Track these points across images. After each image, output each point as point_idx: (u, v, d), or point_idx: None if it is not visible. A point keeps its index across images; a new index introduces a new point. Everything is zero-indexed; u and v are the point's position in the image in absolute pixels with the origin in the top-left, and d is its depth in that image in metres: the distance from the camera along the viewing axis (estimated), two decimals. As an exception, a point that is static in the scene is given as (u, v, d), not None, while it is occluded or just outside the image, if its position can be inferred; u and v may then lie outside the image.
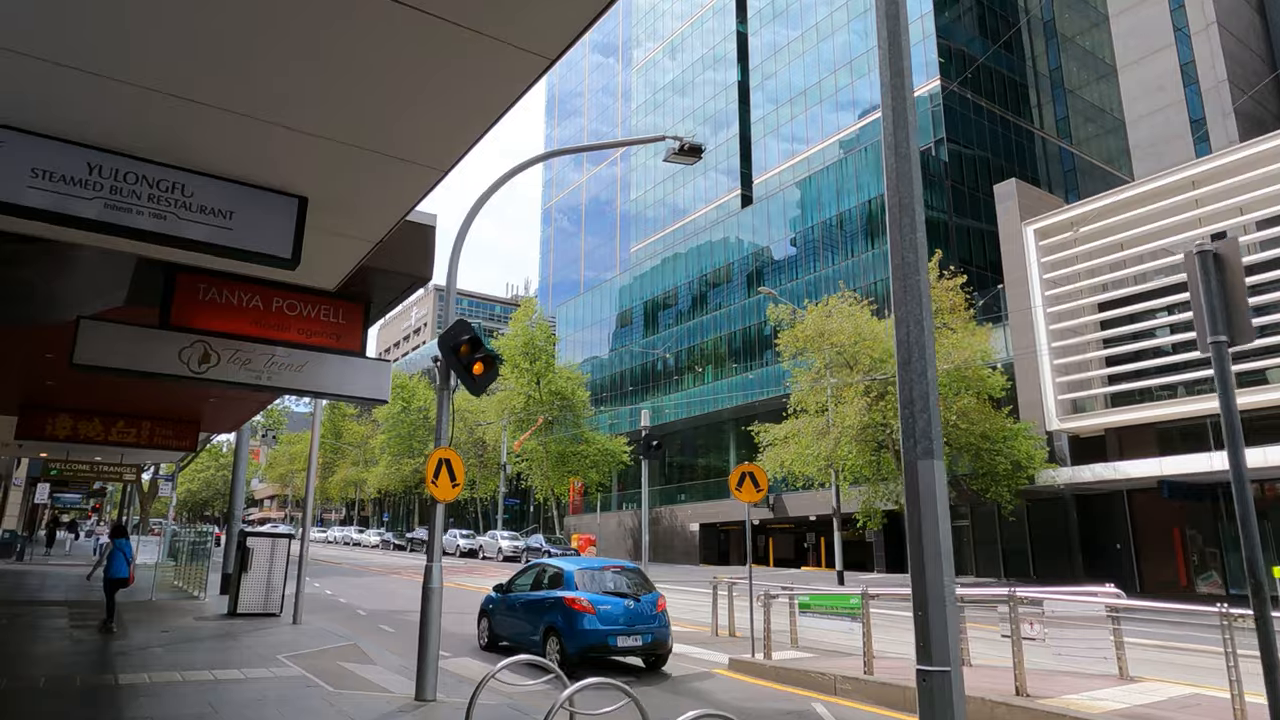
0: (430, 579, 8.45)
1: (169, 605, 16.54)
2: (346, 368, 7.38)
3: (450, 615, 16.28)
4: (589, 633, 10.43)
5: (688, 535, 46.14)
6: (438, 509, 8.67)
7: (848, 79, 45.70)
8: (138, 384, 10.35)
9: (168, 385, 11.02)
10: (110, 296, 6.33)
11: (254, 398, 11.49)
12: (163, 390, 11.18)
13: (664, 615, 11.37)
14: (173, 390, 11.13)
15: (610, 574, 11.60)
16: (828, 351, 26.85)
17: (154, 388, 10.66)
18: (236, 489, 19.78)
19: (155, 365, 6.41)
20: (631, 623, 10.76)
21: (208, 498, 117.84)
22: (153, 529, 41.38)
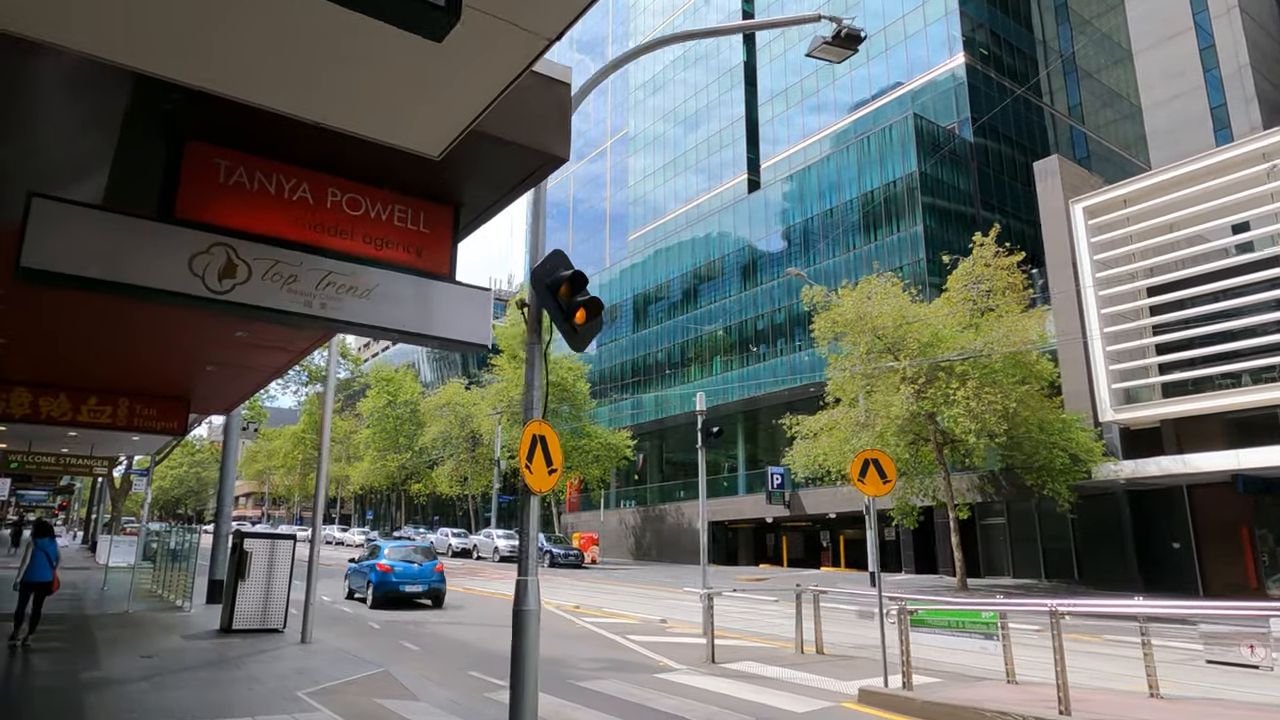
0: (525, 598, 6.23)
1: (150, 619, 14.09)
2: (432, 296, 5.12)
3: (478, 628, 14.02)
4: (387, 583, 17.75)
5: (694, 534, 43.94)
6: (532, 504, 6.46)
7: (863, 56, 43.70)
8: (118, 337, 8.01)
9: (155, 347, 8.66)
10: (81, 170, 4.06)
11: (265, 361, 9.15)
12: (150, 354, 8.85)
13: (441, 575, 18.98)
14: (162, 354, 8.80)
15: (408, 550, 19.76)
16: (868, 336, 24.77)
17: (140, 343, 8.32)
18: (226, 483, 17.33)
19: (153, 278, 4.08)
20: (415, 578, 18.22)
21: (180, 495, 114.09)
22: (125, 528, 38.51)
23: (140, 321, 7.39)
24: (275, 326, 7.83)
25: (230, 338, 7.98)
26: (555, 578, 31.08)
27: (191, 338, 8.08)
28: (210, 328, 7.64)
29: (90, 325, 7.31)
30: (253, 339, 8.02)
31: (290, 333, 7.91)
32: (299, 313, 4.53)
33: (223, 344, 8.29)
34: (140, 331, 7.84)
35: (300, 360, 9.38)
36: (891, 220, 36.35)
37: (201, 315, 7.52)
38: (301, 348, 8.65)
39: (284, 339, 8.03)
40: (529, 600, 6.23)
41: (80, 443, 21.32)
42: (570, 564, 38.38)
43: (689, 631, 14.97)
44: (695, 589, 26.80)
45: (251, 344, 8.26)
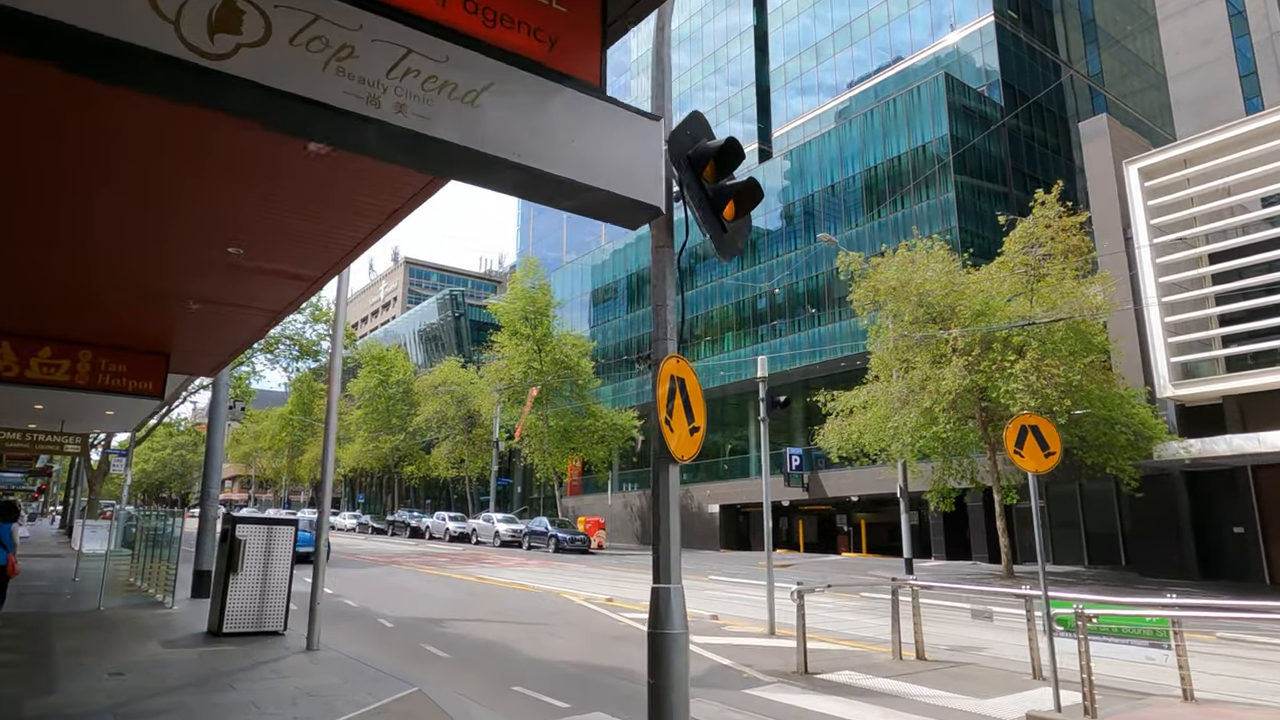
0: (667, 616, 4.21)
1: (125, 618, 12.01)
2: (571, 115, 3.07)
3: (505, 627, 11.89)
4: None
5: (706, 518, 42.17)
6: (670, 477, 4.44)
7: (884, 18, 41.56)
8: (74, 241, 5.93)
9: (124, 265, 6.54)
10: None
11: (263, 296, 6.98)
12: (118, 278, 6.74)
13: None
14: (133, 279, 6.69)
15: None
16: (912, 305, 22.81)
17: (103, 254, 6.22)
18: (213, 462, 15.21)
19: (85, 13, 2.07)
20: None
21: (164, 479, 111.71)
22: (104, 512, 36.25)
23: (102, 217, 5.34)
24: (281, 236, 5.77)
25: (221, 255, 5.90)
26: (565, 564, 29.17)
27: (172, 250, 5.99)
28: (196, 234, 5.59)
29: (33, 221, 5.27)
30: (249, 258, 5.96)
31: (298, 249, 5.88)
32: (357, 113, 2.52)
33: (211, 266, 6.20)
34: (102, 234, 5.75)
35: (307, 297, 7.27)
36: (920, 187, 34.35)
37: (186, 216, 5.46)
38: (311, 277, 6.58)
39: (293, 255, 5.98)
40: (673, 618, 4.19)
41: (48, 416, 19.12)
42: (577, 549, 36.50)
43: (750, 630, 13.06)
44: (721, 577, 25.02)
45: (247, 267, 6.19)
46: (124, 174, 4.82)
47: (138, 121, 4.18)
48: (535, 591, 18.86)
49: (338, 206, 5.55)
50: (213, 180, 4.89)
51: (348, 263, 6.73)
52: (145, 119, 4.14)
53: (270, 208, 5.23)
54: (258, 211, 5.23)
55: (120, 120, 4.19)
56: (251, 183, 4.90)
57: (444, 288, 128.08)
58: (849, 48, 43.93)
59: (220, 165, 4.70)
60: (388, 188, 5.29)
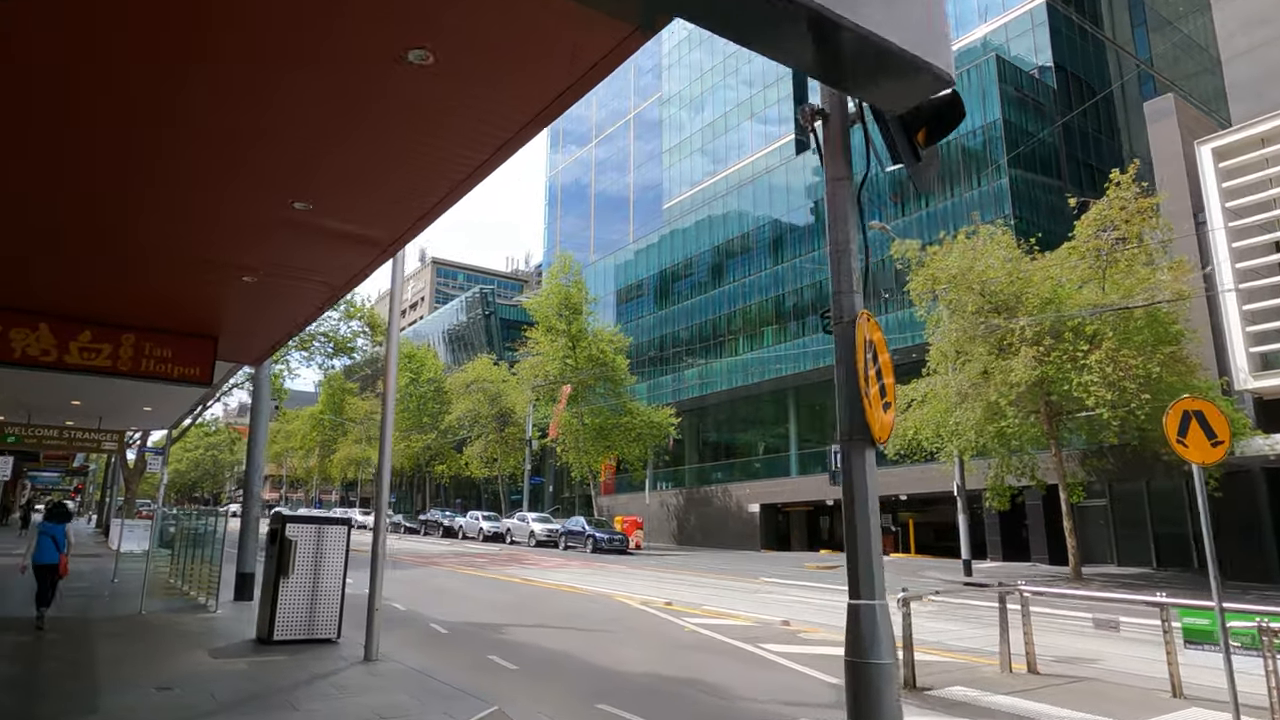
0: (872, 641, 3.31)
1: (168, 624, 11.32)
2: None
3: (568, 634, 10.83)
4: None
5: (745, 517, 41.15)
6: (867, 458, 3.53)
7: (927, 2, 40.28)
8: (121, 201, 5.17)
9: (174, 228, 5.77)
10: None
11: (326, 264, 6.17)
12: (167, 247, 5.98)
13: None
14: (183, 246, 5.93)
15: None
16: (975, 294, 21.69)
17: (153, 218, 5.47)
18: (255, 459, 14.54)
19: None
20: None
21: (196, 478, 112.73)
22: (140, 511, 36.03)
23: (153, 166, 4.56)
24: (357, 187, 4.96)
25: (286, 212, 5.10)
26: (607, 565, 28.34)
27: (232, 207, 5.19)
28: (262, 183, 4.79)
29: (72, 176, 4.55)
30: (317, 213, 5.15)
31: (372, 204, 5.07)
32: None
33: (271, 227, 5.41)
34: (153, 190, 4.98)
35: (371, 270, 6.44)
36: (971, 174, 33.11)
37: (254, 160, 4.65)
38: (380, 242, 5.74)
39: (366, 212, 5.16)
40: (879, 644, 3.28)
41: (85, 413, 18.65)
42: (615, 549, 35.68)
43: (831, 639, 12.10)
44: (774, 579, 24.06)
45: (312, 228, 5.39)
46: (187, 109, 4.02)
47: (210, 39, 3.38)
48: (586, 594, 18.04)
49: (421, 156, 4.72)
50: (290, 113, 4.09)
51: (418, 229, 5.90)
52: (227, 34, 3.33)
53: (351, 150, 4.42)
54: (338, 153, 4.42)
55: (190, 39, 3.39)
56: (333, 116, 4.09)
57: (471, 287, 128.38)
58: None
59: (299, 94, 3.89)
60: (477, 134, 4.47)
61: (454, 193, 5.37)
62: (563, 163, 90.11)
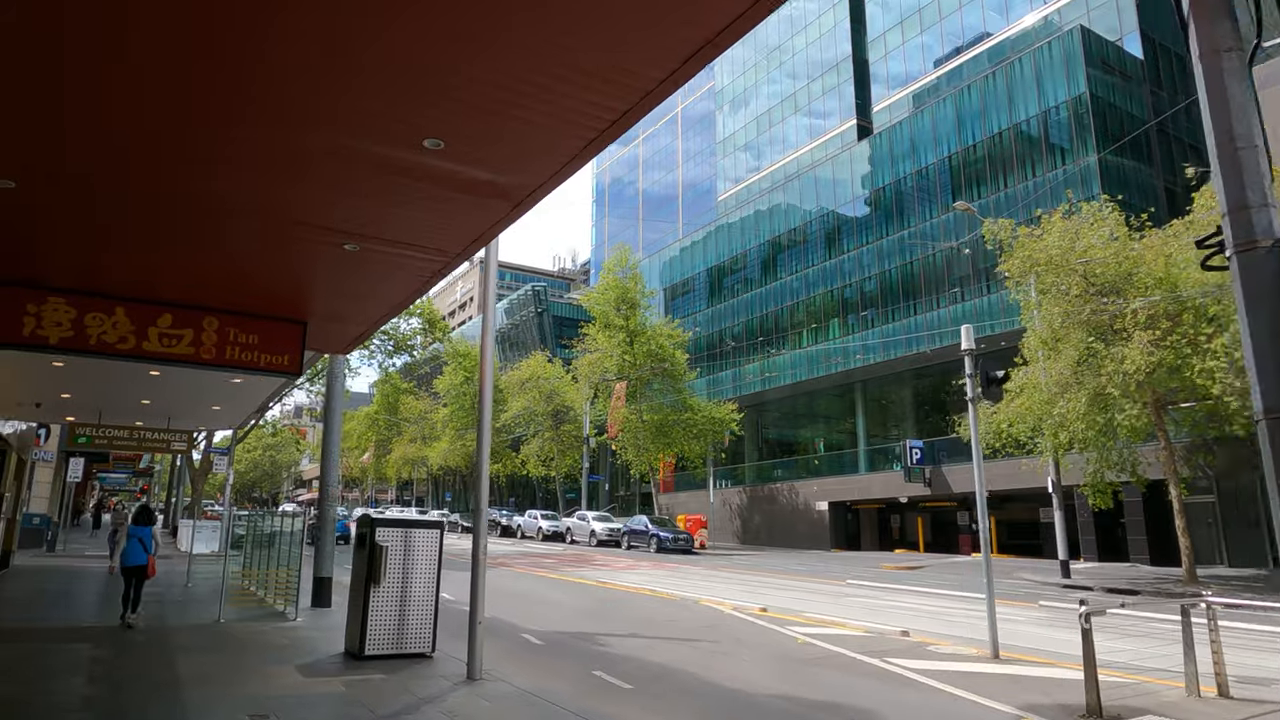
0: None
1: (249, 635, 10.61)
2: None
3: (669, 645, 9.68)
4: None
5: (813, 516, 39.77)
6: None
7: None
8: (211, 163, 4.32)
9: (270, 189, 4.90)
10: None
11: (440, 224, 5.22)
12: (260, 211, 5.13)
13: None
14: (279, 209, 5.07)
15: None
16: (1077, 276, 20.15)
17: (247, 178, 4.62)
18: (330, 456, 13.84)
19: None
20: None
21: (255, 479, 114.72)
22: (206, 511, 36.13)
23: (249, 90, 3.68)
24: (500, 121, 4.02)
25: (409, 154, 4.15)
26: (678, 565, 27.34)
27: (346, 153, 4.28)
28: (386, 111, 3.87)
29: (153, 115, 3.73)
30: (447, 155, 4.18)
31: (515, 142, 4.13)
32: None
33: (389, 175, 4.47)
34: (246, 122, 4.10)
35: (493, 235, 5.49)
36: (1054, 153, 31.30)
37: (379, 82, 3.72)
38: (512, 194, 4.75)
39: (504, 153, 4.18)
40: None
41: (155, 412, 18.25)
42: (680, 549, 34.69)
43: (964, 653, 10.91)
44: (861, 581, 22.79)
45: (437, 175, 4.43)
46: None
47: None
48: (669, 599, 17.05)
49: (572, 86, 3.76)
50: (430, 20, 3.16)
51: (554, 184, 4.93)
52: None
53: (497, 62, 3.48)
54: (482, 63, 3.47)
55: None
56: (481, 15, 3.15)
57: (519, 287, 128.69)
58: (957, 10, 40.86)
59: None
60: (629, 72, 3.53)
61: (597, 141, 4.41)
62: (608, 159, 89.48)
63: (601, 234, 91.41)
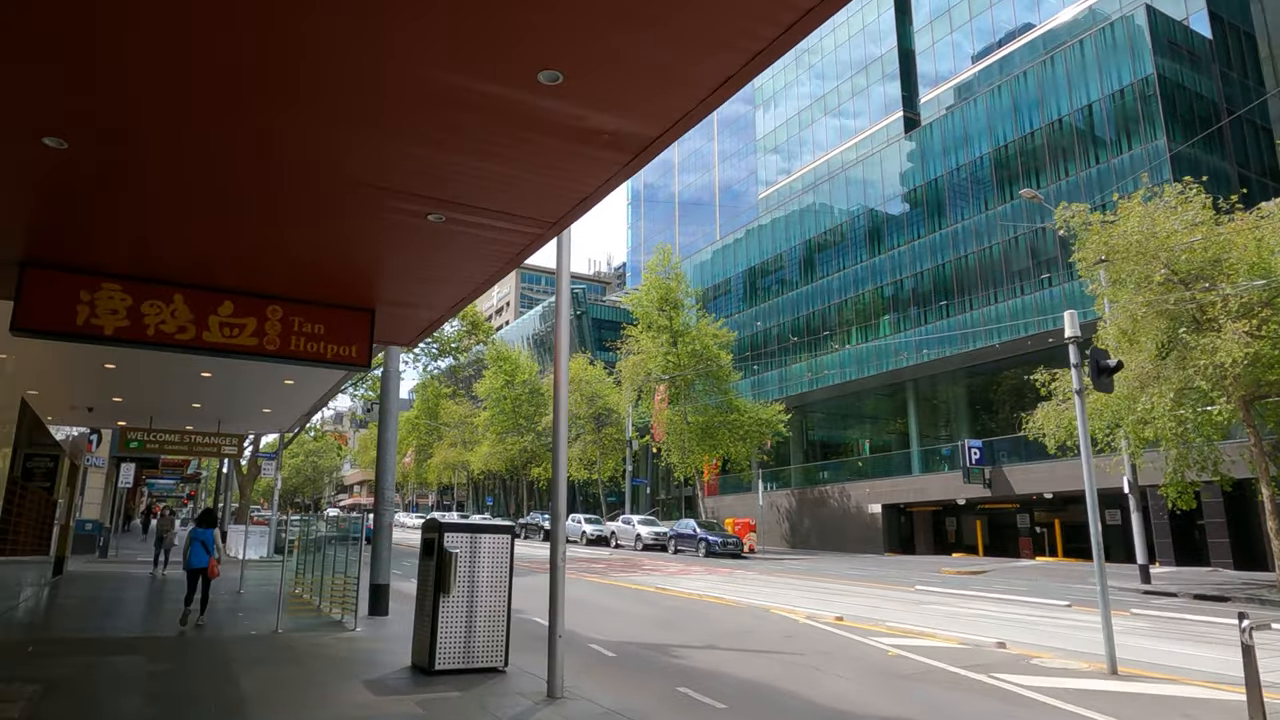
0: None
1: (309, 646, 10.08)
2: None
3: (749, 657, 8.94)
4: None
5: (866, 519, 38.65)
6: None
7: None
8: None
9: (350, 153, 4.29)
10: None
11: (546, 194, 4.53)
12: (338, 179, 4.53)
13: None
14: (354, 178, 4.45)
15: None
16: (1159, 263, 18.99)
17: (324, 144, 4.03)
18: (385, 457, 13.32)
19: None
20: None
21: (298, 484, 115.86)
22: (254, 517, 36.12)
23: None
24: (616, 50, 3.35)
25: (525, 87, 3.49)
26: (733, 570, 26.54)
27: (440, 96, 3.58)
28: (496, 40, 3.22)
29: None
30: (567, 88, 3.48)
31: (636, 79, 3.46)
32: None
33: (503, 117, 3.78)
34: (330, 90, 3.50)
35: (602, 194, 4.75)
36: (1119, 138, 29.96)
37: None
38: (637, 139, 4.05)
39: (628, 88, 3.48)
40: None
41: (205, 416, 17.98)
42: (729, 553, 33.88)
43: (1075, 668, 10.02)
44: (929, 586, 21.79)
45: (554, 117, 3.73)
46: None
47: None
48: (736, 606, 16.29)
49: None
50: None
51: (667, 140, 4.24)
52: None
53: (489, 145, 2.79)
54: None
55: None
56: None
57: (552, 292, 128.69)
58: (1010, -4, 39.59)
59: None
60: None
61: (738, 76, 3.71)
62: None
63: (637, 237, 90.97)
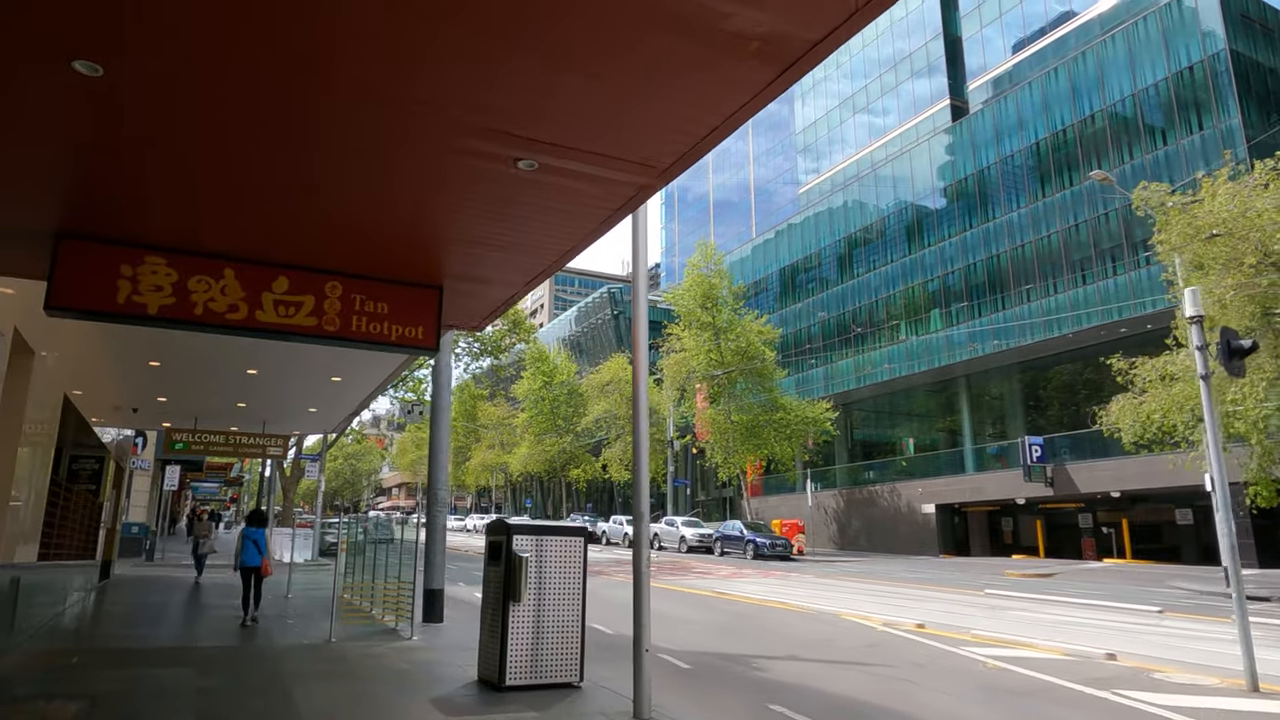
0: None
1: (366, 658, 9.43)
2: None
3: (837, 669, 8.12)
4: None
5: (919, 520, 37.41)
6: None
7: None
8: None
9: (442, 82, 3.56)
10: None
11: (660, 126, 3.78)
12: (399, 145, 3.82)
13: None
14: (440, 125, 3.72)
15: None
16: (1252, 245, 17.75)
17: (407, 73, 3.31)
18: (438, 455, 12.67)
19: None
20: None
21: (337, 487, 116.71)
22: (298, 519, 35.93)
23: None
24: None
25: None
26: (787, 574, 25.62)
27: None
28: None
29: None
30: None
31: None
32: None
33: (635, 23, 3.03)
34: None
35: (734, 126, 3.90)
36: (1187, 118, 28.51)
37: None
38: (780, 56, 3.27)
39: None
40: None
41: (250, 417, 17.56)
42: (778, 555, 32.96)
43: (1203, 684, 9.02)
44: (999, 590, 20.68)
45: (695, 15, 2.97)
46: None
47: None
48: (804, 612, 15.42)
49: None
50: None
51: (827, 49, 3.40)
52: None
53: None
54: None
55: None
56: None
57: (588, 293, 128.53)
58: (1062, -24, 38.12)
59: None
60: None
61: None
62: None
63: (671, 237, 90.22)
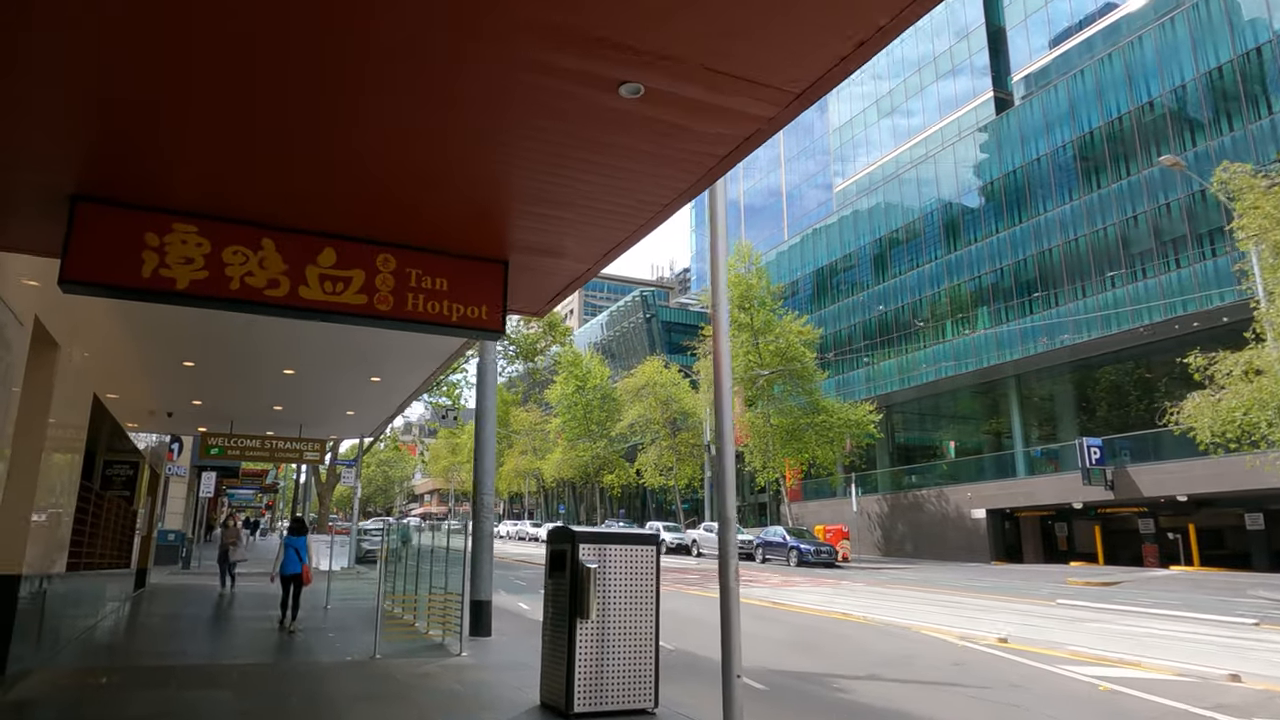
0: None
1: (415, 678, 8.68)
2: None
3: (919, 690, 7.39)
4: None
5: (968, 525, 36.10)
6: None
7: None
8: None
9: None
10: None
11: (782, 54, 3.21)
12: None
13: None
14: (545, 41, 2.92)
15: None
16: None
17: None
18: (484, 458, 11.95)
19: None
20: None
21: (369, 494, 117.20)
22: (332, 526, 35.57)
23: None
24: None
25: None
26: (839, 582, 24.61)
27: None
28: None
29: None
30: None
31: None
32: None
33: None
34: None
35: (860, 59, 3.17)
36: (1251, 103, 27.13)
37: None
38: None
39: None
40: None
41: (286, 421, 17.02)
42: (823, 562, 31.97)
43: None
44: (1070, 599, 19.53)
45: None
46: None
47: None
48: (871, 624, 14.48)
49: None
50: None
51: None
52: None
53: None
54: None
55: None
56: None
57: (617, 298, 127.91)
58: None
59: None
60: None
61: None
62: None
63: (701, 241, 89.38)
